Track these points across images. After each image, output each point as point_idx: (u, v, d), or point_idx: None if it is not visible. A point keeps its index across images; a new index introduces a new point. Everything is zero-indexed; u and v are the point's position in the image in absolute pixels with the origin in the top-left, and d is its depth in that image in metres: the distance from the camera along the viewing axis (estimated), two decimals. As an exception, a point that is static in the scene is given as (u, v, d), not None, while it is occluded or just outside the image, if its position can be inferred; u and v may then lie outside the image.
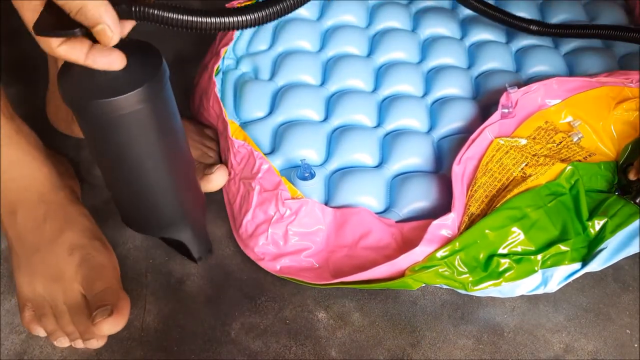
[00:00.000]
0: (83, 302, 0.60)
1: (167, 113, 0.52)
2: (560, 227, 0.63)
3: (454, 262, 0.60)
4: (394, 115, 0.76)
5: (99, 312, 0.56)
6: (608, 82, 0.73)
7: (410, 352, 0.61)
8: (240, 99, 0.77)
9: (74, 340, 0.59)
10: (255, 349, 0.61)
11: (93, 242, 0.62)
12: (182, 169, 0.58)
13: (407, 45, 0.85)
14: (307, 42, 0.85)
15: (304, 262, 0.66)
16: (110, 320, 0.56)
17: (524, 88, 0.71)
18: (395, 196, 0.69)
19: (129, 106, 0.48)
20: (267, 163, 0.67)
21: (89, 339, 0.59)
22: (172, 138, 0.55)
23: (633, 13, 0.94)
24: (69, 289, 0.60)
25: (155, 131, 0.52)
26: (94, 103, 0.47)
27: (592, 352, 0.62)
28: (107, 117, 0.48)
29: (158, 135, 0.52)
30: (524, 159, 0.66)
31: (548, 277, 0.63)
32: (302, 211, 0.65)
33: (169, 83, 0.51)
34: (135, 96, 0.47)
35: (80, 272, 0.60)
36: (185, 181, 0.60)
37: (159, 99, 0.50)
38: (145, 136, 0.51)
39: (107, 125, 0.49)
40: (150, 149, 0.53)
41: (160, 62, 0.49)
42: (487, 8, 0.80)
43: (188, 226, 0.62)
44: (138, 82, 0.47)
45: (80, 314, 0.59)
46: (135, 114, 0.49)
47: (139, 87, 0.47)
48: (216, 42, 0.82)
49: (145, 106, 0.49)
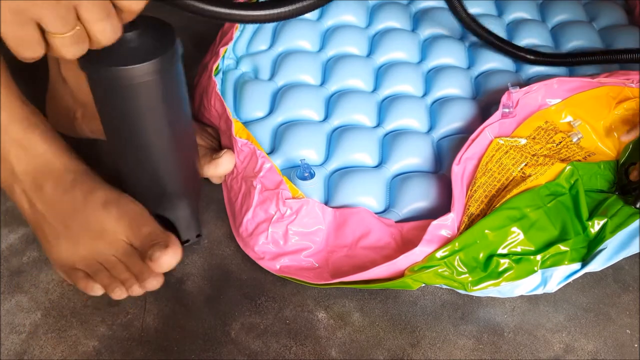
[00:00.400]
0: (131, 249, 0.62)
1: (176, 88, 0.56)
2: (560, 227, 0.63)
3: (453, 262, 0.60)
4: (393, 115, 0.76)
5: (155, 248, 0.59)
6: (608, 83, 0.73)
7: (410, 352, 0.61)
8: (240, 98, 0.77)
9: (131, 287, 0.61)
10: (255, 349, 0.61)
11: (122, 194, 0.64)
12: (185, 146, 0.61)
13: (407, 45, 0.85)
14: (307, 42, 0.85)
15: (303, 261, 0.66)
16: (169, 252, 0.59)
17: (525, 88, 0.71)
18: (394, 196, 0.69)
19: (142, 76, 0.51)
20: (269, 162, 0.67)
21: (146, 280, 0.61)
22: (179, 114, 0.58)
23: (633, 13, 0.94)
24: (114, 241, 0.62)
25: (164, 103, 0.55)
26: (110, 70, 0.50)
27: (592, 352, 0.62)
28: (121, 84, 0.51)
29: (166, 108, 0.55)
30: (524, 159, 0.66)
31: (547, 277, 0.63)
32: (303, 211, 0.65)
33: (180, 62, 0.55)
34: (149, 66, 0.51)
35: (121, 223, 0.62)
36: (186, 159, 0.62)
37: (171, 72, 0.54)
38: (154, 106, 0.54)
39: (119, 93, 0.53)
40: (158, 120, 0.56)
41: (173, 39, 0.53)
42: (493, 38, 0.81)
43: (182, 205, 0.64)
44: (152, 54, 0.51)
45: (133, 257, 0.62)
46: (147, 84, 0.52)
47: (153, 59, 0.51)
48: (216, 41, 0.82)
49: (157, 77, 0.52)
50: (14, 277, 0.66)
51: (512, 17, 0.93)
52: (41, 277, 0.66)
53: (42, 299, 0.65)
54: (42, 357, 0.61)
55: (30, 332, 0.62)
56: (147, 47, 0.51)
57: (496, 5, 0.95)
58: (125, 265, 0.62)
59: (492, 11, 0.94)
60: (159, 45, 0.52)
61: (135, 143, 0.58)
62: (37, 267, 0.67)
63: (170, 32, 0.53)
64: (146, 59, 0.51)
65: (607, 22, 0.92)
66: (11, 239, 0.70)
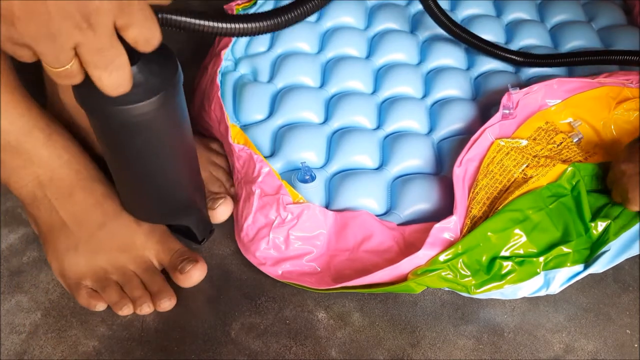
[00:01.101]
0: (153, 267, 0.65)
1: (179, 115, 0.54)
2: (562, 228, 0.63)
3: (457, 266, 0.60)
4: (393, 117, 0.76)
5: (186, 262, 0.63)
6: (608, 83, 0.73)
7: (410, 352, 0.61)
8: (239, 101, 0.77)
9: (141, 306, 0.62)
10: (255, 349, 0.61)
11: None
12: (189, 163, 0.60)
13: (406, 47, 0.85)
14: (306, 43, 0.85)
15: (305, 266, 0.65)
16: (199, 266, 0.64)
17: (525, 89, 0.71)
18: (396, 198, 0.68)
19: (144, 113, 0.48)
20: (267, 166, 0.66)
21: (161, 300, 0.62)
22: (183, 137, 0.56)
23: (631, 13, 0.94)
24: (139, 256, 0.64)
25: (168, 132, 0.53)
26: (111, 109, 0.48)
27: (592, 352, 0.62)
28: (123, 121, 0.49)
29: (170, 136, 0.54)
30: (525, 160, 0.66)
31: (550, 279, 0.63)
32: (304, 215, 0.65)
33: (182, 86, 0.52)
34: (152, 104, 0.48)
35: (151, 238, 0.65)
36: (191, 173, 0.62)
37: (174, 104, 0.51)
38: (158, 138, 0.53)
39: (121, 129, 0.50)
40: (163, 149, 0.54)
41: (176, 67, 0.50)
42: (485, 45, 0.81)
43: (192, 212, 0.64)
44: (155, 90, 0.48)
45: (155, 275, 0.64)
46: (151, 119, 0.50)
47: (155, 95, 0.48)
48: (215, 44, 0.82)
49: (161, 112, 0.50)
50: (14, 277, 0.66)
51: (511, 18, 0.93)
52: (41, 277, 0.66)
53: (42, 299, 0.65)
54: (42, 357, 0.60)
55: (30, 332, 0.62)
56: (148, 80, 0.48)
57: (495, 5, 0.95)
58: (142, 282, 0.63)
59: (490, 12, 0.94)
60: (160, 76, 0.49)
61: (141, 172, 0.56)
62: (37, 267, 0.67)
63: (171, 58, 0.50)
64: (148, 96, 0.48)
65: (606, 22, 0.92)
66: (11, 239, 0.70)
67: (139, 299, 0.62)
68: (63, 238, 0.63)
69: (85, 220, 0.64)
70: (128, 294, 0.62)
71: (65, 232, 0.64)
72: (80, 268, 0.63)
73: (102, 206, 0.64)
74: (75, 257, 0.63)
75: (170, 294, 0.63)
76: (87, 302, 0.62)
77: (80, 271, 0.63)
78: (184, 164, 0.59)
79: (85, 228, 0.63)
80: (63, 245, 0.63)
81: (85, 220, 0.63)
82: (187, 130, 0.57)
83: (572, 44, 0.87)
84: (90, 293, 0.62)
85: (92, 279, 0.63)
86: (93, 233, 0.63)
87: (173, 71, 0.50)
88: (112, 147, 0.54)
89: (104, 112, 0.48)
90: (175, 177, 0.59)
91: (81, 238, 0.63)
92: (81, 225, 0.63)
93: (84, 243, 0.63)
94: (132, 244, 0.64)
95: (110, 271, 0.63)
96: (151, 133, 0.51)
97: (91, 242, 0.63)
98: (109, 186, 0.66)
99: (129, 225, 0.64)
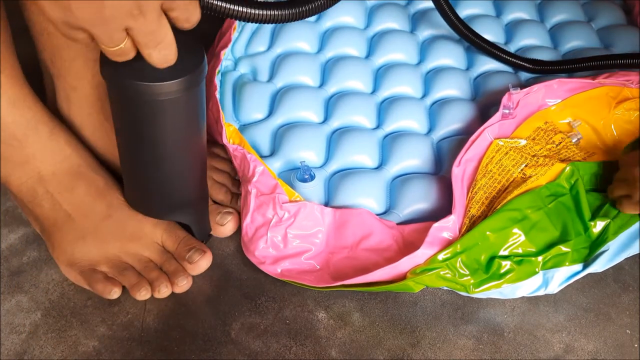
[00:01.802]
0: (165, 251, 0.65)
1: (198, 106, 0.55)
2: (561, 228, 0.63)
3: (455, 265, 0.60)
4: (393, 116, 0.76)
5: (194, 251, 0.64)
6: (608, 83, 0.73)
7: (410, 352, 0.62)
8: (239, 100, 0.77)
9: (159, 286, 0.62)
10: (255, 349, 0.61)
11: None
12: (200, 157, 0.61)
13: (406, 47, 0.85)
14: (305, 43, 0.85)
15: (304, 264, 0.65)
16: (207, 256, 0.64)
17: (526, 89, 0.71)
18: (395, 198, 0.69)
19: (170, 92, 0.50)
20: (262, 166, 0.66)
21: (178, 278, 0.63)
22: (197, 130, 0.58)
23: (631, 12, 0.94)
24: (149, 244, 0.65)
25: (184, 120, 0.55)
26: (135, 84, 0.49)
27: (592, 352, 0.62)
28: (145, 99, 0.50)
29: (186, 125, 0.55)
30: (524, 160, 0.66)
31: (549, 279, 0.63)
32: (301, 213, 0.65)
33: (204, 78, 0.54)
34: (178, 84, 0.50)
35: (158, 228, 0.65)
36: (200, 168, 0.62)
37: (197, 92, 0.53)
38: (174, 124, 0.54)
39: (144, 106, 0.52)
40: (176, 136, 0.55)
41: (202, 57, 0.52)
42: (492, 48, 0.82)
43: (195, 209, 0.64)
44: (182, 72, 0.50)
45: (169, 258, 0.64)
46: (171, 101, 0.51)
47: (182, 77, 0.50)
48: (215, 44, 0.82)
49: (183, 96, 0.51)
50: (14, 277, 0.66)
51: (511, 18, 0.93)
52: (41, 277, 0.66)
53: (42, 299, 0.64)
54: (42, 357, 0.60)
55: (30, 332, 0.62)
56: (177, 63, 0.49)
57: (494, 5, 0.95)
58: (157, 265, 0.64)
59: (490, 12, 0.94)
60: (187, 62, 0.51)
61: (153, 156, 0.57)
62: (37, 267, 0.67)
63: (199, 50, 0.52)
64: (175, 76, 0.50)
65: (605, 22, 0.92)
66: (11, 239, 0.70)
67: (157, 280, 0.62)
68: (69, 230, 0.64)
69: (89, 211, 0.64)
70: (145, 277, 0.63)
71: (70, 224, 0.64)
72: (93, 255, 0.63)
73: (106, 198, 0.65)
74: (85, 246, 0.63)
75: (186, 273, 0.63)
76: (103, 288, 0.62)
77: (94, 258, 0.63)
78: (193, 158, 0.60)
79: (91, 219, 0.64)
80: (70, 237, 0.64)
81: (90, 212, 0.64)
82: (202, 125, 0.58)
83: (572, 44, 0.87)
84: (107, 278, 0.62)
85: (107, 265, 0.63)
86: (99, 224, 0.64)
87: (200, 59, 0.52)
88: (128, 125, 0.55)
89: (130, 87, 0.50)
90: (181, 170, 0.59)
91: (88, 229, 0.64)
92: (86, 217, 0.64)
93: (91, 233, 0.63)
94: (141, 232, 0.64)
95: (124, 258, 0.64)
96: (169, 117, 0.53)
97: (98, 233, 0.63)
98: (111, 178, 0.67)
99: (135, 215, 0.64)
